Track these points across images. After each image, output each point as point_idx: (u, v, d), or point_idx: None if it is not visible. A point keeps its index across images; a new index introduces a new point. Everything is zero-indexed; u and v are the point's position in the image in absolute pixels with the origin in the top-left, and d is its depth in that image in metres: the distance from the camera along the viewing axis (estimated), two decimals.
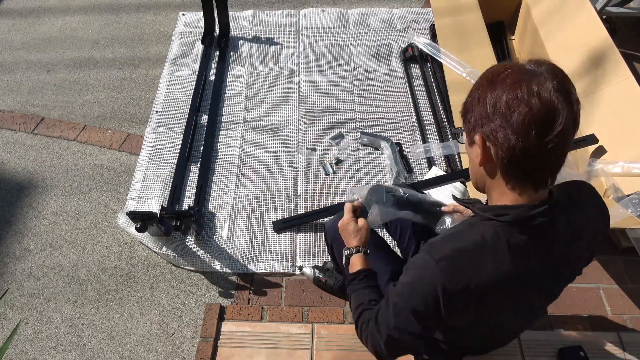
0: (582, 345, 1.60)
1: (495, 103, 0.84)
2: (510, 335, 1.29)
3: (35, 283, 1.87)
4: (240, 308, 1.76)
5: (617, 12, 2.63)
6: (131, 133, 2.39)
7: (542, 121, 0.81)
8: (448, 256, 0.89)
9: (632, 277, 1.84)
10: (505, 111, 0.82)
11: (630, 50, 2.63)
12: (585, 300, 1.78)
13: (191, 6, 3.07)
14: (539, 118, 0.80)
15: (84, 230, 2.03)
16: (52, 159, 2.29)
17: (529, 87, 0.81)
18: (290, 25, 2.89)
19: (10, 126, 2.44)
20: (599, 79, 1.99)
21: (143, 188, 2.13)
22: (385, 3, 3.01)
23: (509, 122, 0.82)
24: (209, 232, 1.99)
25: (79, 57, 2.80)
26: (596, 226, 1.00)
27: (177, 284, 1.86)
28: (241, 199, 2.10)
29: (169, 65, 2.67)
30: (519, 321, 1.15)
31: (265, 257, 1.92)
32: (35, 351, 1.70)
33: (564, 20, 2.25)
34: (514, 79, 0.83)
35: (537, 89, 0.81)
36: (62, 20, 3.03)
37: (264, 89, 2.54)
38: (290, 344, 1.64)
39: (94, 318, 1.78)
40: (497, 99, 0.84)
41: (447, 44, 2.30)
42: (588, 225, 0.97)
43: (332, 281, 1.76)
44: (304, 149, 2.27)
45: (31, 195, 2.16)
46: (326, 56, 2.69)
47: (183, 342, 1.70)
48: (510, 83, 0.83)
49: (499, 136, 0.83)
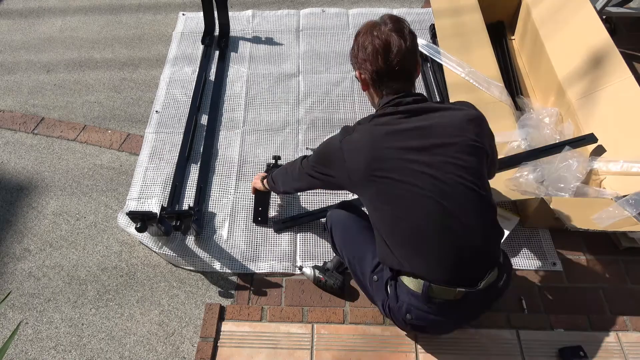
0: (582, 345, 1.60)
1: (357, 47, 1.35)
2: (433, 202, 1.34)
3: (35, 283, 1.87)
4: (240, 308, 1.76)
5: (617, 12, 2.63)
6: (131, 133, 2.39)
7: (383, 49, 1.28)
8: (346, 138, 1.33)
9: (632, 277, 1.84)
10: (362, 49, 1.33)
11: (630, 50, 2.63)
12: (585, 300, 1.78)
13: (191, 6, 3.08)
14: (380, 48, 1.28)
15: (84, 230, 2.03)
16: (52, 159, 2.29)
17: (372, 32, 1.31)
18: (290, 25, 2.89)
19: (10, 126, 2.44)
20: (599, 78, 2.00)
21: (143, 188, 2.13)
22: (385, 3, 3.01)
23: (366, 56, 1.31)
24: (209, 232, 1.99)
25: (79, 57, 2.80)
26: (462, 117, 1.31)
27: (177, 284, 1.86)
28: (241, 199, 2.10)
29: (169, 65, 2.67)
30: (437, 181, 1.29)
31: (265, 257, 1.92)
32: (35, 351, 1.70)
33: (564, 21, 2.25)
34: (366, 29, 1.33)
35: (376, 33, 1.30)
36: (62, 20, 3.03)
37: (264, 89, 2.54)
38: (290, 344, 1.64)
39: (94, 318, 1.78)
40: (358, 44, 1.35)
41: (447, 45, 2.30)
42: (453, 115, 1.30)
43: (332, 281, 1.76)
44: (304, 149, 2.27)
45: (31, 195, 2.16)
46: (326, 56, 2.69)
47: (183, 342, 1.71)
48: (364, 31, 1.34)
49: (364, 67, 1.33)
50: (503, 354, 1.62)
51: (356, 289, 1.81)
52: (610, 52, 2.01)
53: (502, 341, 1.64)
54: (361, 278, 1.52)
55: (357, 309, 1.75)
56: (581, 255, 1.90)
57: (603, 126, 1.93)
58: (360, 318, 1.72)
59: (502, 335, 1.65)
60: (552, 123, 2.08)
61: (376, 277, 1.43)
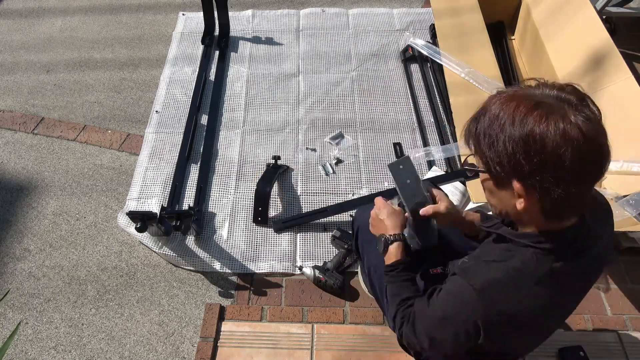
0: (582, 345, 1.60)
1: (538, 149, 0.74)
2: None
3: (35, 283, 1.87)
4: (240, 308, 1.76)
5: (617, 12, 2.63)
6: (131, 133, 2.39)
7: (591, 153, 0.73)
8: (488, 288, 0.87)
9: (632, 277, 1.84)
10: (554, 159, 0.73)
11: (630, 50, 2.63)
12: (585, 300, 1.77)
13: (191, 6, 3.07)
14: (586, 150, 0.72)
15: (84, 230, 2.03)
16: (52, 159, 2.29)
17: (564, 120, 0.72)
18: (290, 25, 2.88)
19: (10, 126, 2.44)
20: (599, 79, 1.99)
21: (143, 188, 2.13)
22: (385, 3, 3.01)
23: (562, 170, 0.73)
24: (209, 232, 1.99)
25: (79, 57, 2.80)
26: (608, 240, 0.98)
27: (177, 284, 1.86)
28: (241, 199, 2.09)
29: (169, 65, 2.67)
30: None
31: (265, 257, 1.92)
32: (35, 351, 1.70)
33: (564, 21, 2.25)
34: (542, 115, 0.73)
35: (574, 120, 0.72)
36: (62, 20, 3.03)
37: (264, 88, 2.54)
38: (290, 344, 1.64)
39: (94, 318, 1.78)
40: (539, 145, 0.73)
41: (447, 45, 2.30)
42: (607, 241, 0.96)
43: (332, 281, 1.76)
44: (304, 149, 2.27)
45: (31, 195, 2.16)
46: (326, 56, 2.69)
47: (183, 342, 1.70)
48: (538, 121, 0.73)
49: (546, 185, 0.76)
50: None
51: (356, 289, 1.81)
52: (611, 52, 2.01)
53: None
54: (378, 292, 1.39)
55: (357, 309, 1.75)
56: None
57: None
58: (360, 318, 1.72)
59: None
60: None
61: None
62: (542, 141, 0.73)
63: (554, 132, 0.72)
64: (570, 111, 0.74)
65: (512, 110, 0.77)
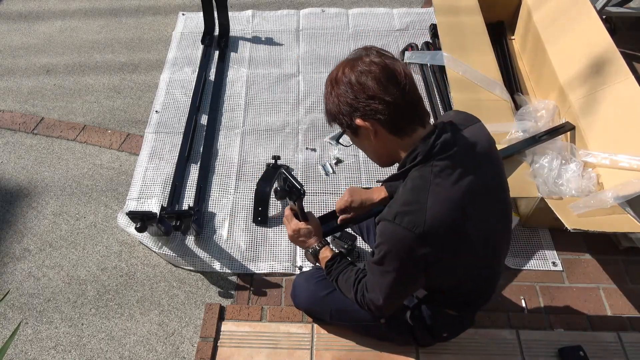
0: (582, 345, 1.60)
1: (350, 89, 1.01)
2: (495, 257, 1.26)
3: (35, 283, 1.87)
4: (240, 308, 1.76)
5: (617, 12, 2.63)
6: (131, 133, 2.39)
7: (388, 74, 1.00)
8: (401, 212, 1.01)
9: (632, 277, 1.84)
10: (361, 87, 1.00)
11: (630, 50, 2.63)
12: (585, 300, 1.78)
13: (191, 6, 3.07)
14: (385, 74, 0.99)
15: (83, 230, 2.03)
16: (52, 159, 2.29)
17: (362, 62, 1.01)
18: (290, 25, 2.89)
19: (10, 126, 2.44)
20: (599, 79, 2.00)
21: (143, 188, 2.13)
22: (385, 3, 3.01)
23: (370, 92, 0.99)
24: (209, 232, 1.99)
25: (79, 57, 2.80)
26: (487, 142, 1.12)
27: (177, 284, 1.86)
28: (241, 199, 2.09)
29: (169, 65, 2.68)
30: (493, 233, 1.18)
31: (265, 257, 1.92)
32: (35, 351, 1.70)
33: (564, 21, 2.25)
34: (347, 66, 1.03)
35: (368, 60, 1.01)
36: (62, 21, 3.03)
37: (263, 89, 2.54)
38: (290, 344, 1.64)
39: (93, 318, 1.77)
40: (349, 86, 1.01)
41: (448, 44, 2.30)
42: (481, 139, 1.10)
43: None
44: (303, 149, 2.27)
45: (31, 195, 2.16)
46: (326, 56, 2.69)
47: (183, 342, 1.70)
48: (348, 71, 1.02)
49: (371, 107, 1.00)
50: (503, 354, 1.61)
51: None
52: (611, 52, 2.01)
53: (502, 341, 1.64)
54: (355, 324, 1.55)
55: None
56: (581, 255, 1.90)
57: (603, 126, 1.93)
58: None
59: (502, 335, 1.65)
60: (549, 115, 2.10)
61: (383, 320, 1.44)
62: (349, 79, 1.01)
63: (357, 71, 1.01)
64: (366, 56, 1.02)
65: (331, 77, 1.07)
